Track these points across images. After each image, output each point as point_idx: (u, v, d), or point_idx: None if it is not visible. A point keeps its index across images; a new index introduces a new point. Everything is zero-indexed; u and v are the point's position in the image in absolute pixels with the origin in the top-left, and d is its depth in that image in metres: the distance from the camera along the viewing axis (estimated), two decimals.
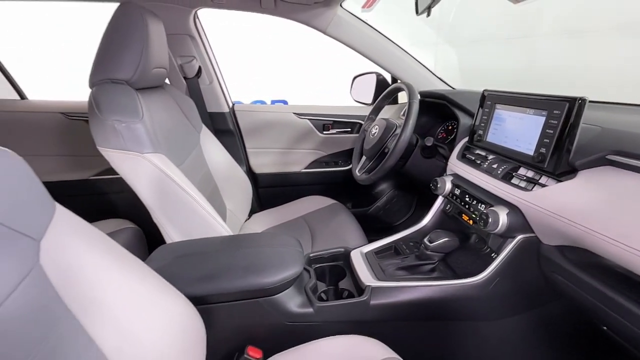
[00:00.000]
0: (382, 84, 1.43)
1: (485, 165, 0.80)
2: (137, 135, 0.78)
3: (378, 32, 1.34)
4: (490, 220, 0.68)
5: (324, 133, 1.55)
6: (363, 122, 1.45)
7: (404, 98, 1.04)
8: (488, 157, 0.82)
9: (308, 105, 1.55)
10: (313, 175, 1.59)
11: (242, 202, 1.29)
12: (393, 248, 0.91)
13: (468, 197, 0.82)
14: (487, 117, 0.83)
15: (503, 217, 0.67)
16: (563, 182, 0.61)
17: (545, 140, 0.65)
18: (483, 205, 0.76)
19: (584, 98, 0.59)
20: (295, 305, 0.70)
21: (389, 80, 1.48)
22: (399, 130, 0.97)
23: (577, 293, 0.59)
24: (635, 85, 1.09)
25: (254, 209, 1.45)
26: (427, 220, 0.95)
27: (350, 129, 1.56)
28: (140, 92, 0.86)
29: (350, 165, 1.57)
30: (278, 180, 1.57)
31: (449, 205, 0.93)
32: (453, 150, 0.96)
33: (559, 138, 0.62)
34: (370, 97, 1.47)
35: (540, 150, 0.66)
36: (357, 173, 1.16)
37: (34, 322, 0.33)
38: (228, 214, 1.18)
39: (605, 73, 1.40)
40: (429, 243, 0.80)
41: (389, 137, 1.06)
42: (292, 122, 1.51)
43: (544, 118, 0.66)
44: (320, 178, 1.60)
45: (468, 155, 0.89)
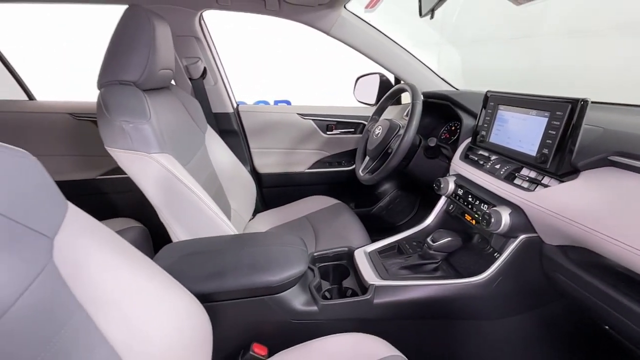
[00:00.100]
0: (385, 85, 1.44)
1: (488, 166, 0.81)
2: (144, 136, 0.79)
3: (381, 33, 1.35)
4: (493, 220, 0.68)
5: (328, 133, 1.55)
6: (366, 122, 1.45)
7: (407, 99, 1.04)
8: (491, 157, 0.83)
9: (312, 106, 1.55)
10: (316, 176, 1.60)
11: (246, 201, 1.30)
12: (396, 247, 0.91)
13: (471, 197, 0.82)
14: (490, 117, 0.83)
15: (506, 217, 0.68)
16: (565, 182, 0.62)
17: (548, 141, 0.65)
18: (486, 206, 0.77)
19: (586, 99, 0.60)
20: (300, 304, 0.71)
21: (392, 81, 1.48)
22: (402, 131, 0.98)
23: (579, 292, 0.60)
24: (636, 85, 1.09)
25: (258, 209, 1.45)
26: (430, 220, 0.96)
27: (354, 130, 1.57)
28: (148, 93, 0.87)
29: (354, 166, 1.57)
30: (282, 180, 1.58)
31: (452, 206, 0.93)
32: (456, 151, 0.97)
33: (562, 139, 0.63)
34: (374, 97, 1.47)
35: (543, 151, 0.66)
36: (360, 173, 1.17)
37: (48, 317, 0.34)
38: (232, 214, 1.19)
39: (610, 73, 1.40)
40: (432, 243, 0.81)
41: (393, 137, 1.07)
42: (295, 122, 1.52)
43: (547, 119, 0.66)
44: (324, 178, 1.61)
45: (471, 156, 0.89)
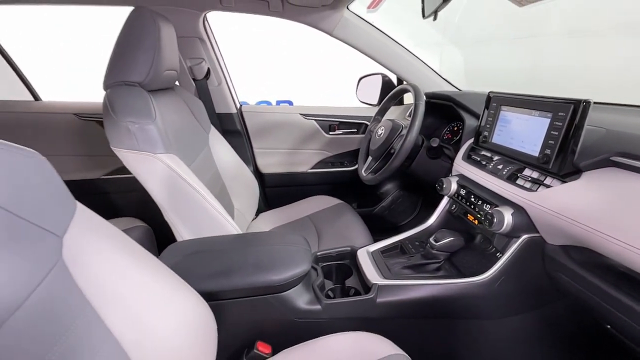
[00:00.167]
0: (387, 85, 1.44)
1: (491, 166, 0.81)
2: (150, 136, 0.80)
3: (384, 33, 1.35)
4: (496, 220, 0.69)
5: (330, 134, 1.56)
6: (369, 123, 1.46)
7: (410, 99, 1.05)
8: (493, 158, 0.83)
9: (314, 106, 1.56)
10: (319, 176, 1.60)
11: (249, 201, 1.30)
12: (399, 247, 0.92)
13: (473, 197, 0.83)
14: (492, 118, 0.84)
15: (508, 217, 0.68)
16: (568, 183, 0.62)
17: (550, 142, 0.66)
18: (488, 206, 0.77)
19: (589, 100, 0.60)
20: (304, 302, 0.72)
21: (395, 82, 1.49)
22: (405, 131, 0.98)
23: (581, 292, 0.60)
24: (637, 85, 1.09)
25: (261, 209, 1.46)
26: (432, 220, 0.96)
27: (356, 130, 1.57)
28: (153, 93, 0.88)
29: (356, 166, 1.58)
30: (284, 180, 1.59)
31: (455, 206, 0.94)
32: (458, 151, 0.97)
33: (564, 139, 0.63)
34: (376, 98, 1.48)
35: (545, 152, 0.67)
36: (363, 173, 1.17)
37: (57, 315, 0.34)
38: (235, 213, 1.20)
39: (612, 73, 1.40)
40: (435, 242, 0.81)
41: (395, 137, 1.07)
42: (298, 122, 1.53)
43: (549, 120, 0.67)
44: (326, 178, 1.61)
45: (473, 156, 0.90)
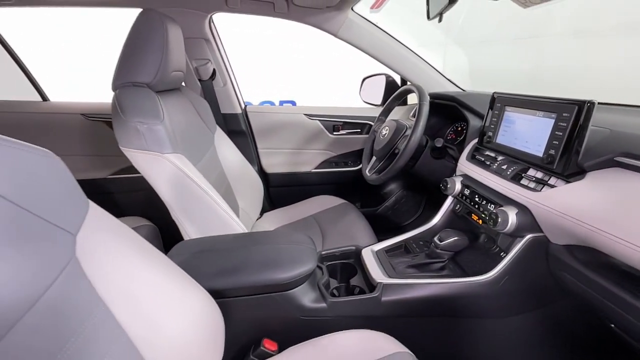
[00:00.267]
0: (391, 86, 1.45)
1: (495, 166, 0.82)
2: (158, 137, 0.81)
3: (388, 34, 1.36)
4: (500, 220, 0.69)
5: (334, 134, 1.57)
6: (372, 123, 1.46)
7: (414, 99, 1.05)
8: (497, 158, 0.84)
9: (318, 107, 1.57)
10: (323, 175, 1.61)
11: (253, 201, 1.31)
12: (403, 247, 0.93)
13: (478, 197, 0.83)
14: (496, 119, 0.84)
15: (512, 216, 0.69)
16: (572, 183, 0.63)
17: (555, 142, 0.66)
18: (492, 205, 0.78)
19: (593, 101, 0.61)
20: (309, 301, 0.73)
21: (398, 82, 1.50)
22: (409, 132, 0.99)
23: (585, 291, 0.61)
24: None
25: (265, 208, 1.47)
26: (437, 220, 0.97)
27: (360, 130, 1.58)
28: (160, 94, 0.89)
29: (360, 166, 1.59)
30: (289, 180, 1.60)
31: (459, 205, 0.94)
32: (463, 152, 0.98)
33: (568, 140, 0.64)
34: (380, 98, 1.48)
35: (550, 152, 0.67)
36: (367, 173, 1.18)
37: (71, 311, 0.35)
38: (240, 213, 1.21)
39: (617, 73, 1.40)
40: (439, 242, 0.82)
41: (399, 138, 1.08)
42: (302, 123, 1.54)
43: (553, 120, 0.67)
44: (330, 178, 1.62)
45: (478, 157, 0.90)
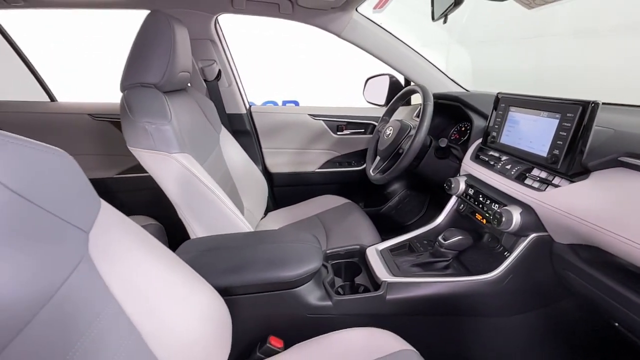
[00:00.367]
0: (395, 86, 1.45)
1: (499, 166, 0.82)
2: (166, 137, 0.82)
3: (391, 35, 1.36)
4: (504, 219, 0.70)
5: (338, 134, 1.57)
6: (376, 123, 1.47)
7: (417, 99, 1.06)
8: (502, 158, 0.84)
9: (322, 107, 1.58)
10: (327, 175, 1.62)
11: (258, 200, 1.32)
12: (407, 246, 0.93)
13: (482, 196, 0.84)
14: (500, 119, 0.85)
15: (516, 216, 0.69)
16: (576, 182, 0.63)
17: (559, 142, 0.67)
18: (496, 205, 0.78)
19: (597, 102, 0.61)
20: (315, 299, 0.74)
21: (402, 82, 1.50)
22: (413, 132, 1.00)
23: (589, 290, 0.61)
24: None
25: (269, 208, 1.48)
26: (441, 219, 0.98)
27: (364, 130, 1.59)
28: (167, 95, 0.91)
29: (363, 166, 1.60)
30: (293, 180, 1.61)
31: (463, 205, 0.95)
32: (467, 152, 0.98)
33: (572, 140, 0.64)
34: (383, 98, 1.49)
35: (554, 152, 0.68)
36: (371, 173, 1.19)
37: (85, 307, 0.36)
38: (245, 212, 1.22)
39: (620, 73, 1.39)
40: (444, 241, 0.82)
41: (404, 138, 1.09)
42: (306, 123, 1.55)
43: (558, 120, 0.68)
44: (334, 178, 1.63)
45: (482, 157, 0.91)
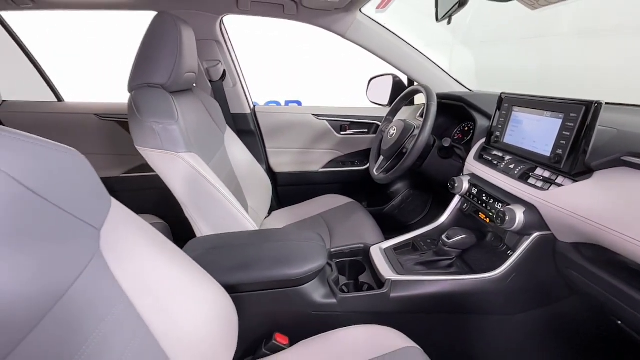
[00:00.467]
0: (398, 86, 1.46)
1: (502, 166, 0.83)
2: (173, 136, 0.84)
3: (395, 35, 1.37)
4: (507, 218, 0.70)
5: (342, 133, 1.58)
6: (379, 123, 1.48)
7: (421, 99, 1.07)
8: (505, 157, 0.84)
9: (326, 107, 1.59)
10: (330, 175, 1.63)
11: (262, 199, 1.34)
12: (411, 245, 0.94)
13: (485, 196, 0.84)
14: (504, 119, 0.85)
15: (520, 215, 0.70)
16: (579, 182, 0.64)
17: (562, 142, 0.67)
18: (500, 204, 0.79)
19: (600, 102, 0.62)
20: (320, 296, 0.74)
21: (405, 82, 1.51)
22: (417, 132, 1.00)
23: (592, 288, 0.62)
24: None
25: (273, 207, 1.49)
26: (444, 218, 0.98)
27: (367, 130, 1.59)
28: (174, 95, 0.92)
29: (366, 165, 1.61)
30: (297, 179, 1.62)
31: (466, 204, 0.95)
32: (470, 151, 0.99)
33: (576, 140, 0.65)
34: (387, 98, 1.49)
35: (557, 152, 0.68)
36: (375, 172, 1.19)
37: (96, 303, 0.37)
38: (249, 211, 1.23)
39: (622, 74, 1.39)
40: (447, 240, 0.83)
41: (407, 138, 1.09)
42: (310, 123, 1.56)
43: (561, 120, 0.68)
44: (337, 177, 1.64)
45: (485, 156, 0.91)
